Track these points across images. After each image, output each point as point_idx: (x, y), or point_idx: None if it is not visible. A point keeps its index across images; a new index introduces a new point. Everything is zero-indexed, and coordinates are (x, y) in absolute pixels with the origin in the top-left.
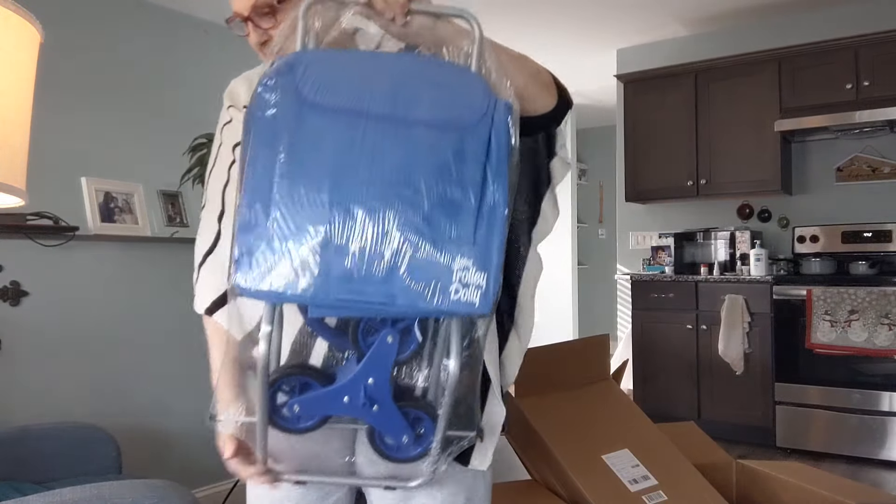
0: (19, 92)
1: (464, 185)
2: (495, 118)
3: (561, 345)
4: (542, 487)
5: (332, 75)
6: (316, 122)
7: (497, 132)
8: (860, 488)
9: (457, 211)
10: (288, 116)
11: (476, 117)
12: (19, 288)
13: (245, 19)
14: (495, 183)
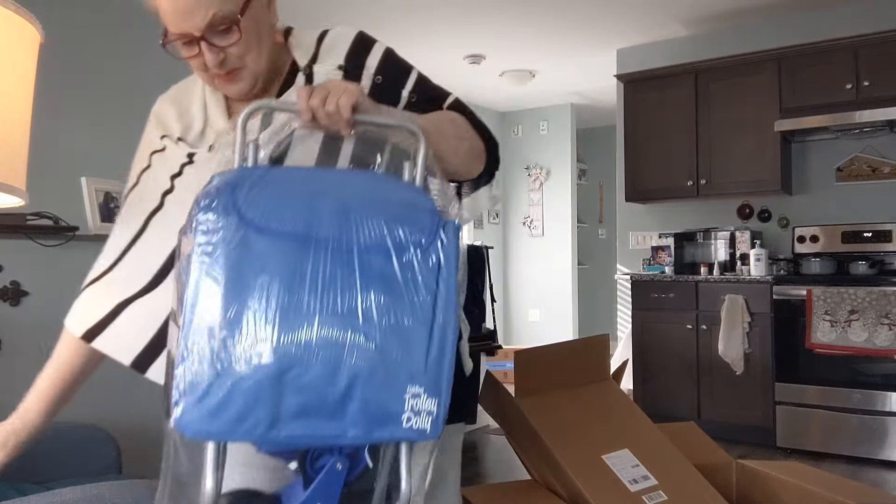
0: (19, 92)
1: (415, 311)
2: (444, 240)
3: (561, 345)
4: (542, 487)
5: (277, 197)
6: (262, 248)
7: (446, 254)
8: (860, 488)
9: (408, 338)
10: (231, 241)
11: (426, 240)
12: (19, 288)
13: (197, 40)
14: (445, 304)
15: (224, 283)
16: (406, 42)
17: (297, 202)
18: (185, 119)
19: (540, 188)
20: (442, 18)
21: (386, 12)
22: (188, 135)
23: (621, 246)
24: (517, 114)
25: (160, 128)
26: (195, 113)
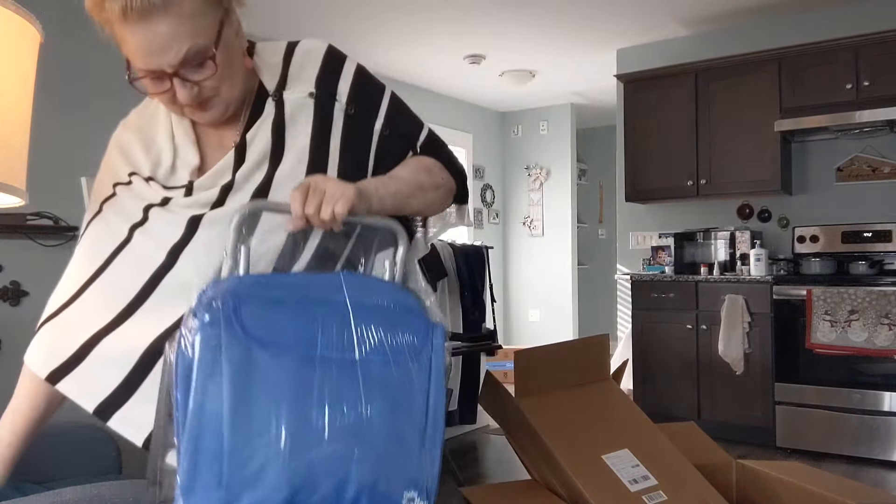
0: (19, 92)
1: (411, 416)
2: (434, 343)
3: (561, 345)
4: (542, 487)
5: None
6: (267, 366)
7: (437, 356)
8: (860, 488)
9: (406, 444)
10: (235, 359)
11: (419, 342)
12: (19, 288)
13: (169, 76)
14: (435, 405)
15: (230, 407)
16: (406, 42)
17: (299, 315)
18: (153, 152)
19: (540, 188)
20: (442, 18)
21: (386, 12)
22: (157, 171)
23: (621, 246)
24: (517, 114)
25: (127, 163)
26: (162, 145)
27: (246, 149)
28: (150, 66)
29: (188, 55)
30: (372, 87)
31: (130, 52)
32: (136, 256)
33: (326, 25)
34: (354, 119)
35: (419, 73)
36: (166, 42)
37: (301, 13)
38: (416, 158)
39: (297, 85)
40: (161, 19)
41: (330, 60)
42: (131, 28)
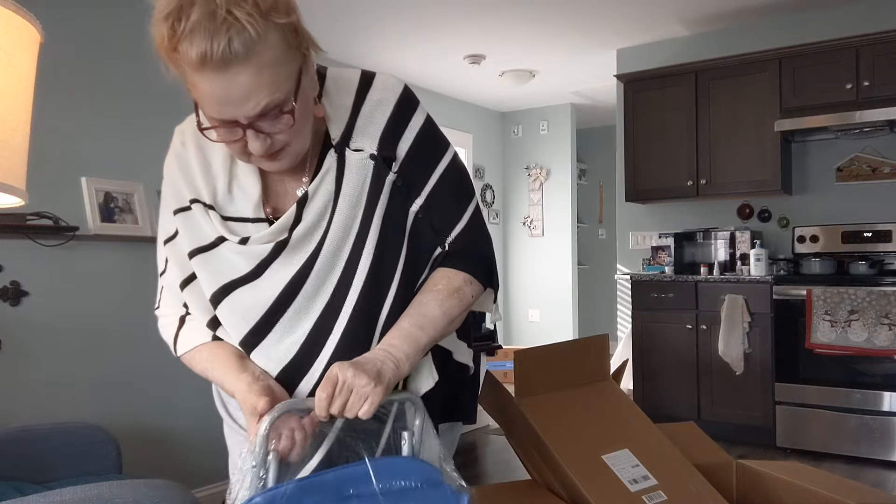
0: (19, 92)
1: None
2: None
3: (561, 345)
4: (542, 487)
5: None
6: None
7: None
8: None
9: None
10: None
11: None
12: (19, 288)
13: (242, 126)
14: None
15: None
16: (406, 42)
17: None
18: (209, 176)
19: (540, 188)
20: (442, 18)
21: (386, 12)
22: (216, 196)
23: (621, 246)
24: (517, 114)
25: (190, 187)
26: (217, 171)
27: (306, 202)
28: (225, 116)
29: (267, 108)
30: (429, 151)
31: (203, 100)
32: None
33: (326, 25)
34: (397, 195)
35: (419, 73)
36: (245, 93)
37: (300, 10)
38: (447, 278)
39: (362, 139)
40: (241, 69)
41: (399, 112)
42: (208, 76)
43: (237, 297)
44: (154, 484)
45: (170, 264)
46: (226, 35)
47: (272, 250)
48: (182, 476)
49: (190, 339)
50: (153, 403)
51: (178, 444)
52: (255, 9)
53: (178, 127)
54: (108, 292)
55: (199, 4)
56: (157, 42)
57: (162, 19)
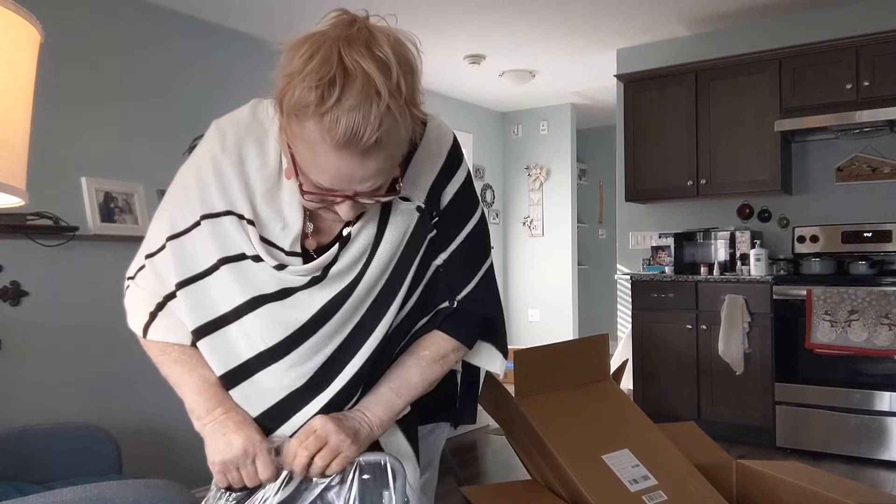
0: (19, 92)
1: None
2: None
3: (561, 344)
4: (542, 487)
5: None
6: None
7: None
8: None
9: None
10: None
11: None
12: (19, 288)
13: (348, 197)
14: None
15: None
16: None
17: None
18: (247, 191)
19: (540, 188)
20: (442, 18)
21: (386, 12)
22: (256, 215)
23: (621, 246)
24: (517, 114)
25: (223, 196)
26: (256, 187)
27: (347, 242)
28: (336, 188)
29: (380, 187)
30: (464, 208)
31: (317, 170)
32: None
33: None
34: (429, 249)
35: None
36: (370, 175)
37: (300, 11)
38: (435, 345)
39: (411, 188)
40: (375, 155)
41: (448, 165)
42: (342, 156)
43: (267, 311)
44: (154, 484)
45: (167, 256)
46: (379, 128)
47: (306, 283)
48: (182, 476)
49: (172, 329)
50: (153, 403)
51: (178, 444)
52: (406, 100)
53: (216, 124)
54: (109, 292)
55: (360, 87)
56: (287, 97)
57: (311, 87)
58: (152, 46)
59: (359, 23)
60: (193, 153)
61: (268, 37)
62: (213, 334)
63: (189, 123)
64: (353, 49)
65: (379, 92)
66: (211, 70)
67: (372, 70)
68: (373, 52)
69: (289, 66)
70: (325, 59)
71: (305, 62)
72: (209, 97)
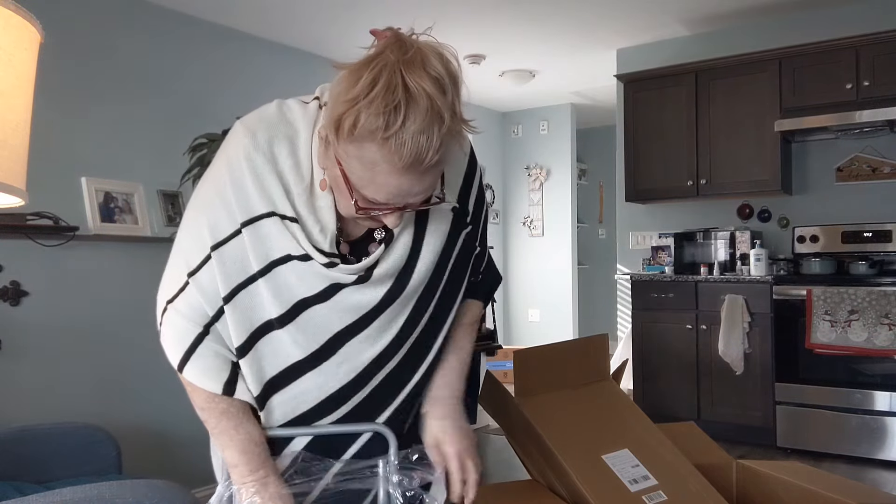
0: (19, 92)
1: None
2: None
3: (561, 344)
4: (542, 487)
5: None
6: None
7: None
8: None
9: None
10: None
11: None
12: (19, 288)
13: (398, 208)
14: None
15: None
16: None
17: None
18: (285, 190)
19: (540, 188)
20: (442, 18)
21: (386, 12)
22: (298, 214)
23: (621, 246)
24: (517, 114)
25: (265, 199)
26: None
27: (390, 242)
28: (390, 201)
29: (429, 198)
30: (483, 202)
31: (373, 187)
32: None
33: (325, 24)
34: (467, 240)
35: None
36: (423, 190)
37: (297, 12)
38: (471, 311)
39: (445, 188)
40: (433, 172)
41: (471, 166)
42: (400, 175)
43: (311, 314)
44: (154, 484)
45: (212, 269)
46: (440, 148)
47: (353, 281)
48: (182, 476)
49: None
50: (153, 403)
51: (178, 444)
52: (459, 116)
53: (243, 124)
54: (108, 292)
55: (425, 111)
56: (347, 121)
57: (378, 112)
58: (152, 46)
59: (410, 43)
60: (222, 155)
61: (268, 36)
62: (258, 344)
63: (189, 124)
64: (413, 73)
65: (442, 114)
66: (211, 70)
67: (433, 93)
68: (429, 73)
69: (351, 91)
70: (388, 85)
71: (369, 87)
72: (209, 97)
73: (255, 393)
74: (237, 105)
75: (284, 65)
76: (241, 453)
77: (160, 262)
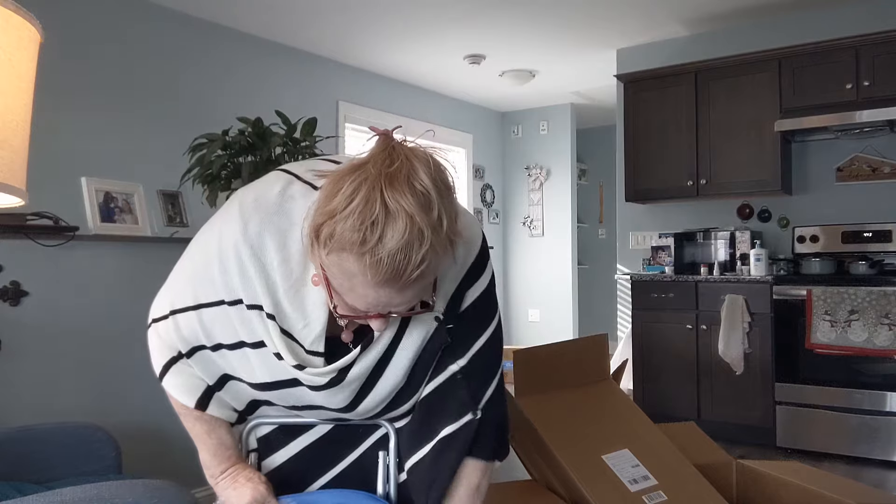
0: (19, 92)
1: None
2: None
3: (561, 344)
4: (542, 487)
5: None
6: None
7: None
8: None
9: None
10: None
11: None
12: (19, 288)
13: (384, 316)
14: None
15: None
16: (406, 42)
17: None
18: (269, 283)
19: (540, 188)
20: (442, 18)
21: (386, 12)
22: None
23: (621, 246)
24: (517, 114)
25: (247, 292)
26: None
27: (368, 346)
28: (370, 309)
29: (414, 307)
30: (484, 315)
31: (353, 295)
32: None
33: (326, 24)
34: (443, 355)
35: (419, 73)
36: (406, 301)
37: (298, 12)
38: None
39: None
40: (414, 286)
41: (472, 272)
42: (376, 287)
43: (281, 393)
44: (154, 484)
45: (192, 320)
46: (421, 264)
47: (324, 383)
48: (182, 476)
49: (181, 387)
50: (153, 403)
51: (178, 444)
52: (447, 231)
53: (240, 204)
54: (108, 292)
55: (403, 229)
56: (325, 231)
57: (354, 228)
58: (152, 46)
59: (399, 152)
60: (217, 223)
61: (268, 36)
62: (227, 385)
63: (189, 123)
64: (395, 189)
65: (422, 232)
66: (211, 70)
67: (414, 210)
68: (414, 187)
69: (330, 203)
70: (367, 200)
71: (347, 200)
72: (209, 97)
73: (241, 408)
74: (237, 105)
75: (285, 65)
76: (213, 456)
77: (160, 262)
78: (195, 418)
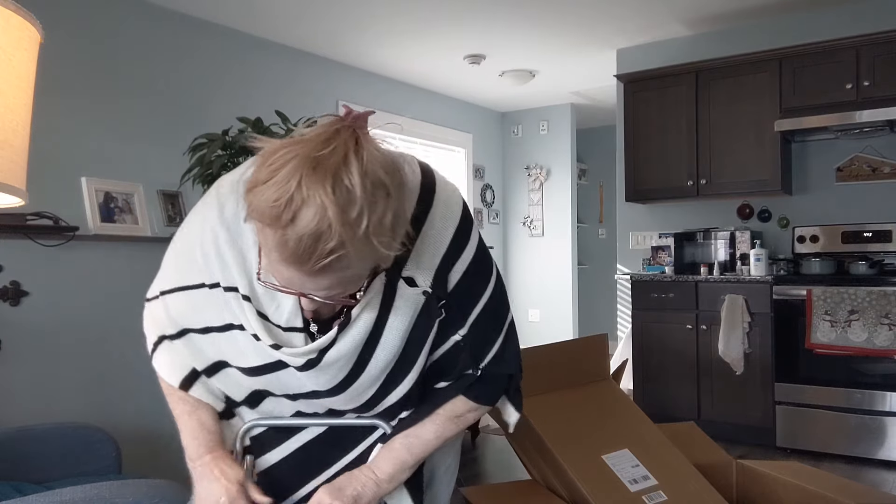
0: (19, 92)
1: None
2: None
3: (561, 344)
4: (542, 487)
5: None
6: None
7: None
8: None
9: None
10: None
11: None
12: (19, 288)
13: (302, 294)
14: None
15: None
16: (406, 41)
17: None
18: (245, 266)
19: (540, 188)
20: (442, 18)
21: (386, 12)
22: (253, 292)
23: (621, 246)
24: (517, 114)
25: (224, 275)
26: (253, 264)
27: (347, 325)
28: (285, 286)
29: (336, 296)
30: (478, 281)
31: (270, 267)
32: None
33: (326, 24)
34: (443, 326)
35: (419, 72)
36: (320, 288)
37: (298, 11)
38: (453, 404)
39: (415, 269)
40: (324, 276)
41: (456, 241)
42: (285, 265)
43: (267, 378)
44: (154, 484)
45: (179, 300)
46: (328, 256)
47: (302, 364)
48: (182, 476)
49: (168, 366)
50: (153, 403)
51: (178, 445)
52: (368, 231)
53: (218, 189)
54: (108, 292)
55: (311, 217)
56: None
57: (269, 202)
58: (153, 46)
59: (340, 139)
60: (200, 208)
61: (269, 36)
62: (218, 374)
63: (189, 123)
64: (315, 176)
65: (332, 226)
66: (211, 70)
67: (328, 202)
68: (339, 179)
69: (259, 172)
70: (287, 178)
71: (271, 174)
72: (209, 97)
73: (240, 399)
74: (237, 105)
75: (285, 65)
76: (192, 438)
77: (160, 262)
78: (179, 398)
